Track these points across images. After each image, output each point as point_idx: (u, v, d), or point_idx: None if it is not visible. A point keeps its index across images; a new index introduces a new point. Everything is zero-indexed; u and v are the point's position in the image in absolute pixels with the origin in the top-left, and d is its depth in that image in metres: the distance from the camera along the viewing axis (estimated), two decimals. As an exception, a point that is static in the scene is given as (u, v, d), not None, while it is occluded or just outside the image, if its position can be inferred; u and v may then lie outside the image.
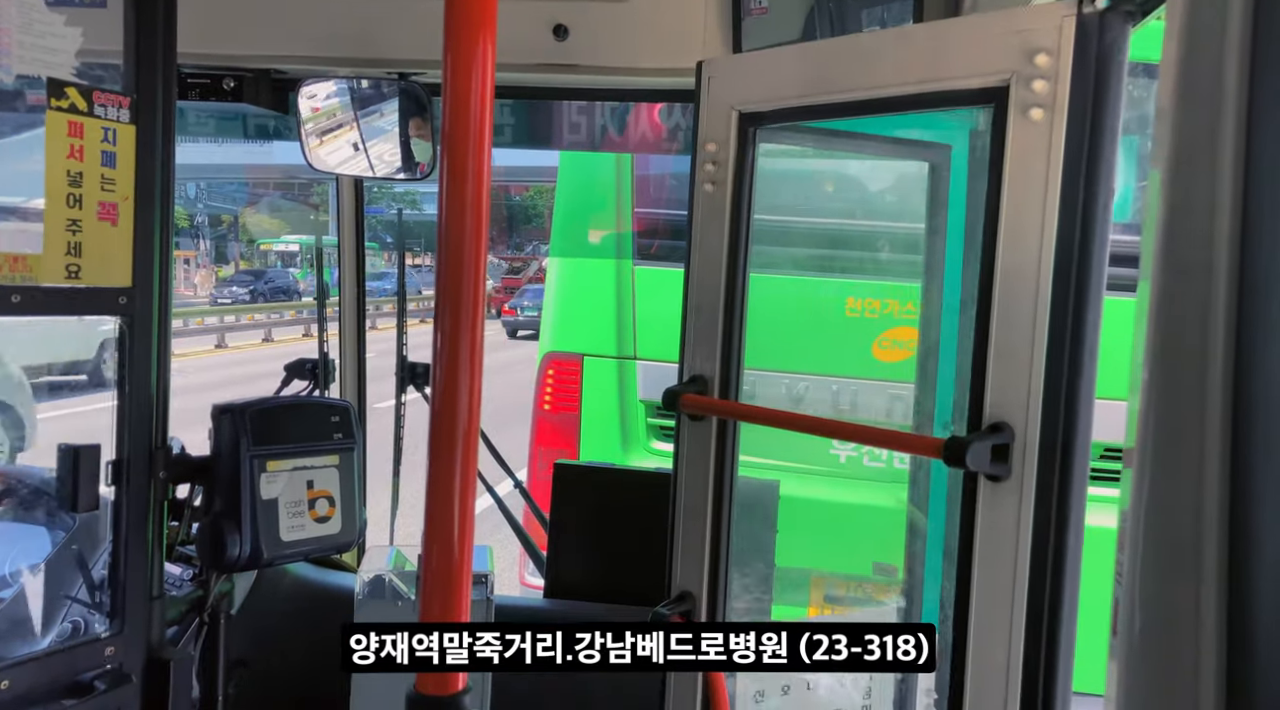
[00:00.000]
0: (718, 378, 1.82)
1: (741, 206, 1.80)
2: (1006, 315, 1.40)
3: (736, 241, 1.80)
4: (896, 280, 3.40)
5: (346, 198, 3.09)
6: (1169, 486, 0.79)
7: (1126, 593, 0.81)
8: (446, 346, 0.95)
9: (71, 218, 1.63)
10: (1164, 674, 0.79)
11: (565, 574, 2.73)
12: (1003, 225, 1.39)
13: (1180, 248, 0.81)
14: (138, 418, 1.82)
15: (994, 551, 1.42)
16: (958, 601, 1.47)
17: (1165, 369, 0.81)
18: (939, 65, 1.48)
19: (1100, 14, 1.31)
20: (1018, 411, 1.38)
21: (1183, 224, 0.81)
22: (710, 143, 1.82)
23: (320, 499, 2.11)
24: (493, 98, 0.97)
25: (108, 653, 1.81)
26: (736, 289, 1.81)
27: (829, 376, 3.56)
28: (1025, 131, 1.36)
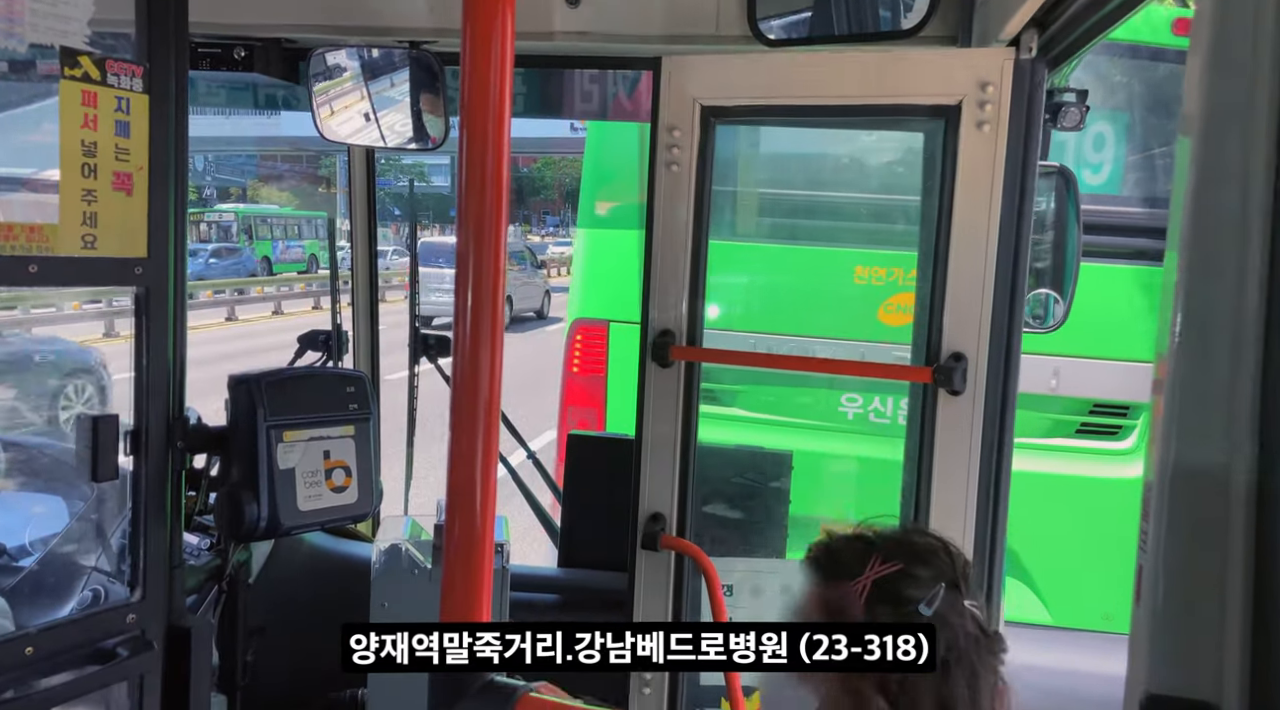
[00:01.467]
0: (685, 331, 2.11)
1: (704, 185, 2.06)
2: (961, 272, 1.89)
3: (700, 216, 2.07)
4: (901, 250, 3.54)
5: (358, 169, 3.07)
6: (1196, 455, 0.79)
7: (1150, 560, 0.81)
8: (467, 318, 0.95)
9: (87, 188, 1.63)
10: (1188, 642, 0.79)
11: (578, 543, 2.74)
12: (957, 207, 1.87)
13: (1211, 215, 0.80)
14: (155, 388, 1.83)
15: (951, 449, 1.90)
16: (919, 491, 1.93)
17: (1195, 337, 0.80)
18: (897, 84, 1.91)
19: (1031, 60, 1.82)
20: (971, 343, 1.88)
21: (1214, 190, 0.80)
22: (674, 128, 2.02)
23: (337, 469, 2.12)
24: (513, 67, 0.96)
25: (129, 620, 1.83)
26: (700, 256, 2.11)
27: (838, 340, 3.74)
28: (974, 140, 1.85)
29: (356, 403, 2.19)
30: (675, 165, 2.03)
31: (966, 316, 1.88)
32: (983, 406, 1.88)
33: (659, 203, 2.07)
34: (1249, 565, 0.76)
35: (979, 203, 1.85)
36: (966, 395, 1.88)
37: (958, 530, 1.87)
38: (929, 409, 1.92)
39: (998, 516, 1.91)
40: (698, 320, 2.13)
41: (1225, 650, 0.77)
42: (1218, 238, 0.78)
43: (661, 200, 2.06)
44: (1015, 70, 1.81)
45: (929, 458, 1.92)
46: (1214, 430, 0.78)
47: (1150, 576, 0.81)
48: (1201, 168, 0.80)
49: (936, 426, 1.90)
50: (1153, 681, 0.81)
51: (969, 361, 1.87)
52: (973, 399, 1.88)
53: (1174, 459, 0.80)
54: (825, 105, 2.03)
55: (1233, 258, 0.78)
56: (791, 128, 3.90)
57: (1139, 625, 0.83)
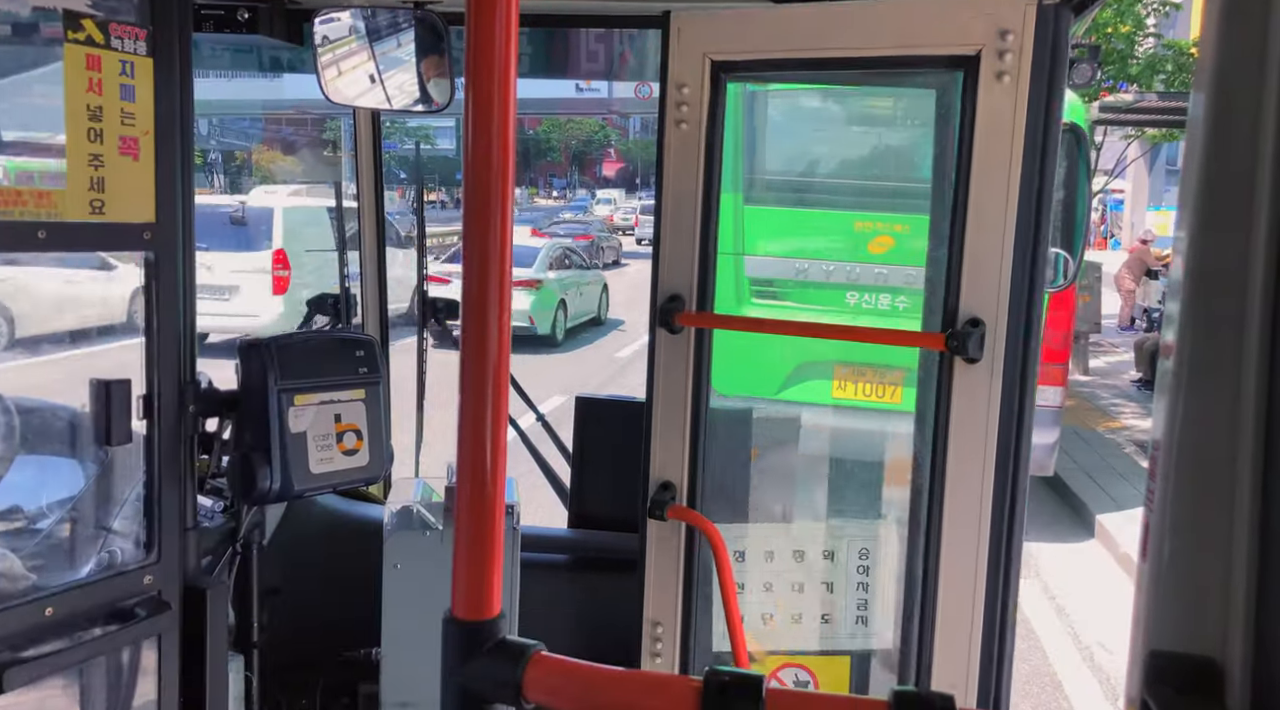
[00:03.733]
0: (695, 295, 2.04)
1: (714, 144, 1.99)
2: (979, 232, 1.79)
3: (710, 176, 2.00)
4: (884, 211, 6.19)
5: (364, 131, 3.06)
6: (1203, 415, 0.79)
7: (1158, 518, 0.81)
8: (475, 280, 0.94)
9: (93, 153, 1.63)
10: (1193, 600, 0.80)
11: (588, 504, 2.77)
12: (975, 164, 1.76)
13: (1219, 168, 0.79)
14: (166, 352, 1.84)
15: (968, 419, 1.82)
16: (933, 462, 1.85)
17: (1202, 296, 0.80)
18: (912, 35, 1.83)
19: (1055, 5, 1.71)
20: (989, 309, 1.79)
21: (1223, 144, 0.79)
22: (683, 85, 1.96)
23: (348, 432, 2.14)
24: (518, 27, 0.95)
25: (146, 582, 1.86)
26: (710, 219, 2.03)
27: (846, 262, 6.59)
28: (994, 92, 1.74)
29: (366, 366, 2.20)
30: (684, 123, 1.98)
31: (984, 280, 1.79)
32: (1001, 375, 1.79)
33: (668, 163, 2.01)
34: (1255, 524, 0.77)
35: (998, 159, 1.76)
36: (984, 363, 1.79)
37: (973, 503, 1.82)
38: (944, 377, 1.83)
39: (1016, 488, 1.83)
40: (708, 284, 2.07)
41: (1230, 608, 0.78)
42: (1226, 191, 0.78)
43: (671, 161, 2.01)
44: (1038, 17, 1.71)
45: (944, 428, 1.84)
46: (1222, 389, 0.78)
47: (1157, 535, 0.81)
48: (1212, 119, 0.79)
49: (952, 395, 1.82)
50: (1157, 638, 0.81)
51: (986, 327, 1.78)
52: (990, 367, 1.79)
53: (1181, 418, 0.80)
54: (838, 58, 1.94)
55: (1241, 212, 0.77)
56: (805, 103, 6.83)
57: (1144, 583, 0.83)
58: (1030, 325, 1.79)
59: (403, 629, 2.30)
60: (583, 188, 69.48)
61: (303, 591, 2.61)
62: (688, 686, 0.85)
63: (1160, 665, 0.80)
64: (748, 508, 2.68)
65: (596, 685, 0.90)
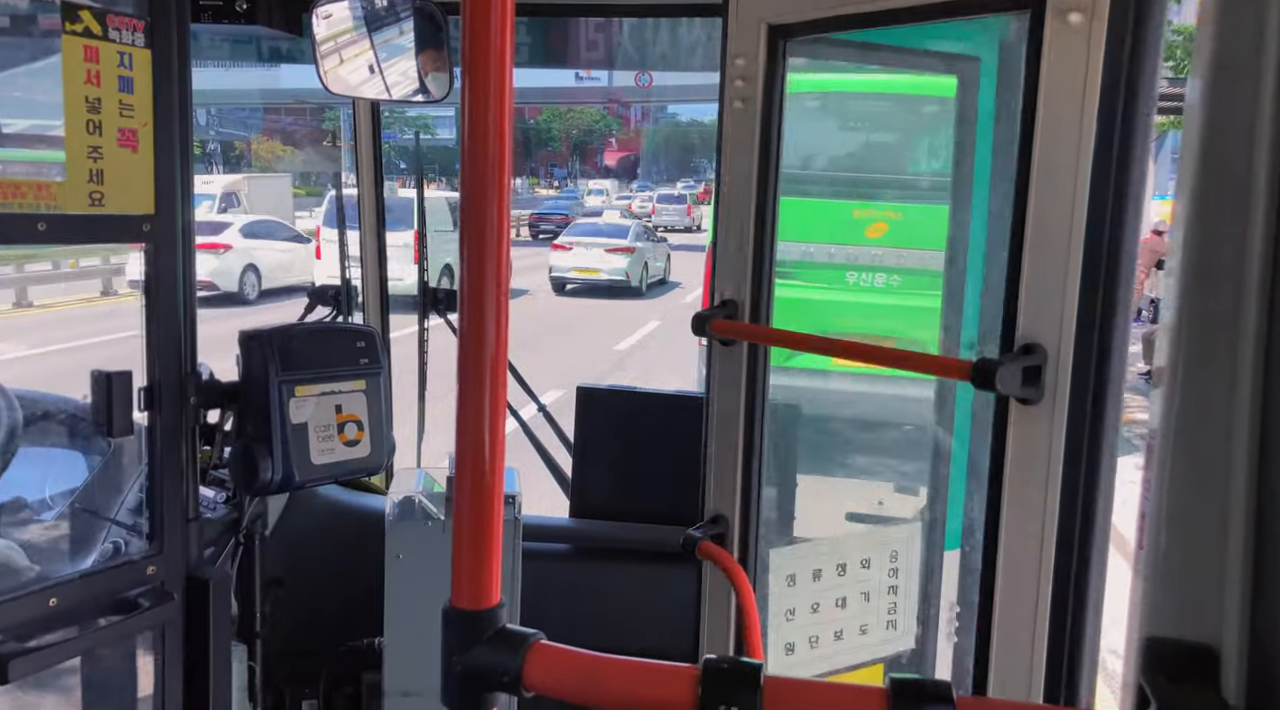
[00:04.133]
0: (748, 302, 1.80)
1: (771, 125, 1.77)
2: (1041, 233, 1.36)
3: (766, 162, 1.77)
4: (879, 200, 7.30)
5: (363, 122, 3.05)
6: (1200, 403, 0.79)
7: (1154, 506, 0.82)
8: (473, 271, 0.95)
9: (92, 144, 1.63)
10: (1189, 587, 0.80)
11: (589, 494, 2.77)
12: (1038, 138, 1.34)
13: (1217, 157, 0.79)
14: (167, 344, 1.84)
15: (1025, 475, 1.40)
16: (987, 524, 1.46)
17: (1198, 285, 0.80)
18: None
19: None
20: (1051, 332, 1.34)
21: (1220, 131, 0.79)
22: (739, 57, 1.79)
23: (349, 423, 2.14)
24: (514, 14, 0.95)
25: (149, 572, 1.87)
26: (767, 211, 1.77)
27: (846, 246, 7.67)
28: (1063, 37, 1.31)
29: (367, 357, 2.20)
30: (741, 100, 1.78)
31: (1043, 297, 1.35)
32: (1064, 421, 1.35)
33: (726, 148, 1.82)
34: (1250, 512, 0.77)
35: (1065, 132, 1.33)
36: (1044, 405, 1.37)
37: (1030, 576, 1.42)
38: (998, 420, 1.44)
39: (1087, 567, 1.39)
40: (763, 290, 1.80)
41: (1226, 596, 0.78)
42: (1223, 182, 0.78)
43: (729, 145, 1.82)
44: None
45: (997, 488, 1.44)
46: (1218, 379, 0.78)
47: (1153, 523, 0.82)
48: (1211, 109, 0.79)
49: (1006, 446, 1.42)
50: (1153, 625, 0.82)
51: (1046, 356, 1.35)
52: (1052, 411, 1.36)
53: (1178, 405, 0.80)
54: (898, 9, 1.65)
55: (1239, 202, 0.77)
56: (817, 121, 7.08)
57: (1140, 570, 0.84)
58: (1107, 358, 1.35)
59: (405, 619, 2.31)
60: (584, 178, 69.39)
61: (305, 582, 2.62)
62: (687, 675, 0.86)
63: (1156, 652, 0.80)
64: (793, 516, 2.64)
65: (597, 674, 0.91)
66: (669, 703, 0.86)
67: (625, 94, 46.91)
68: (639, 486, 2.74)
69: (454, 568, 0.95)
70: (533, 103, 51.91)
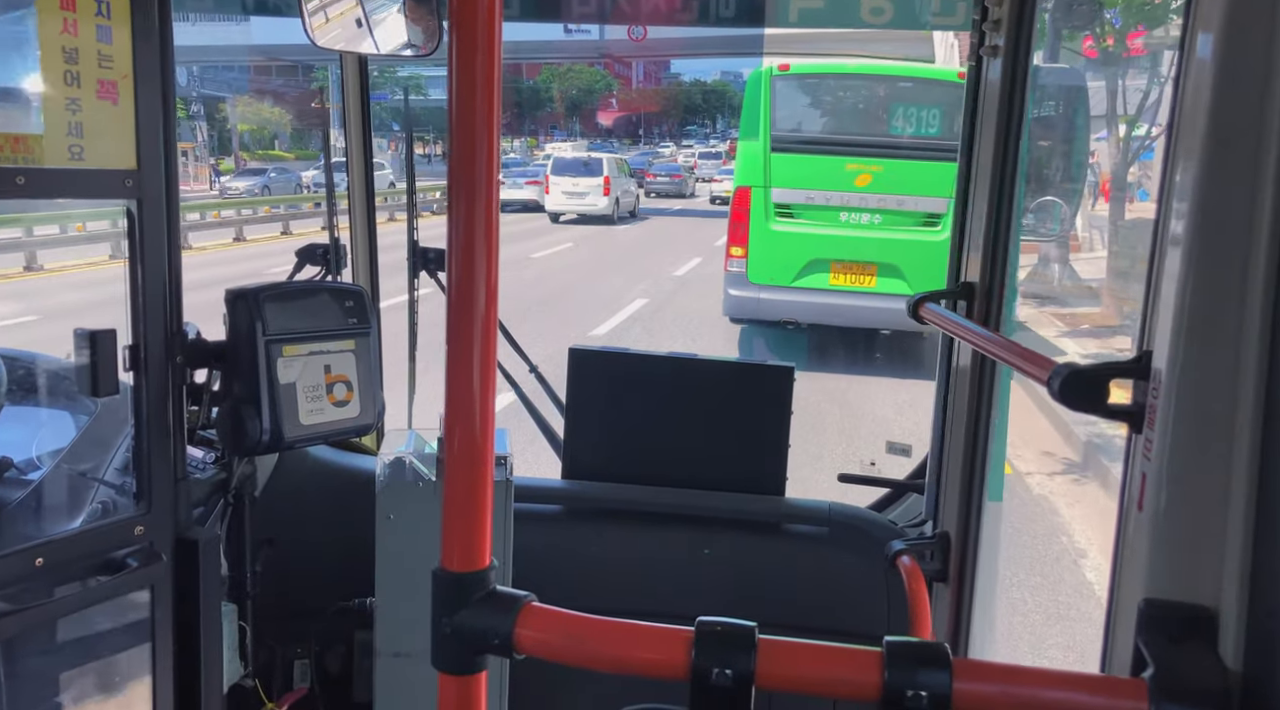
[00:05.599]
0: (981, 288, 1.65)
1: (1018, 72, 1.58)
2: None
3: (1008, 128, 1.59)
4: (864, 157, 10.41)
5: (351, 78, 3.00)
6: (1204, 364, 0.78)
7: (1155, 469, 0.80)
8: (462, 230, 0.92)
9: (70, 97, 1.59)
10: (1189, 549, 0.79)
11: (581, 455, 2.77)
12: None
13: (1228, 112, 0.77)
14: (152, 302, 1.81)
15: None
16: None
17: (1204, 248, 0.78)
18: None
19: None
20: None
21: (1230, 91, 0.77)
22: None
23: (338, 383, 2.12)
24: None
25: (137, 532, 1.85)
26: (1004, 188, 1.59)
27: (839, 192, 10.37)
28: None
29: (356, 317, 2.17)
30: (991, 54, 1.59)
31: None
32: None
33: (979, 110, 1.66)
34: (1251, 475, 0.76)
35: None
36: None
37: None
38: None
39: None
40: (995, 276, 1.60)
41: (1226, 558, 0.77)
42: (1229, 144, 0.76)
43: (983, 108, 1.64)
44: None
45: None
46: (1221, 343, 0.77)
47: (1154, 485, 0.81)
48: (1221, 65, 0.77)
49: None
50: (1151, 587, 0.81)
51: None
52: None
53: (1180, 370, 0.79)
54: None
55: (1248, 164, 0.75)
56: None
57: (1139, 532, 0.83)
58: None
59: (397, 579, 2.31)
60: (583, 138, 68.64)
61: (296, 542, 2.61)
62: (680, 637, 0.85)
63: (1154, 614, 0.80)
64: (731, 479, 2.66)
65: (588, 635, 0.90)
66: (663, 664, 0.85)
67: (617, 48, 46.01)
68: (631, 448, 2.73)
69: (444, 530, 0.94)
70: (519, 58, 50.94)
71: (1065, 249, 13.91)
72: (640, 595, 2.63)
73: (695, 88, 76.12)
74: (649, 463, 2.71)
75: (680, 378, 2.74)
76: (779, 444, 2.68)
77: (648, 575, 2.66)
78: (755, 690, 0.83)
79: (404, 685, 2.33)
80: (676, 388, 2.72)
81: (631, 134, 69.46)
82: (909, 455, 3.21)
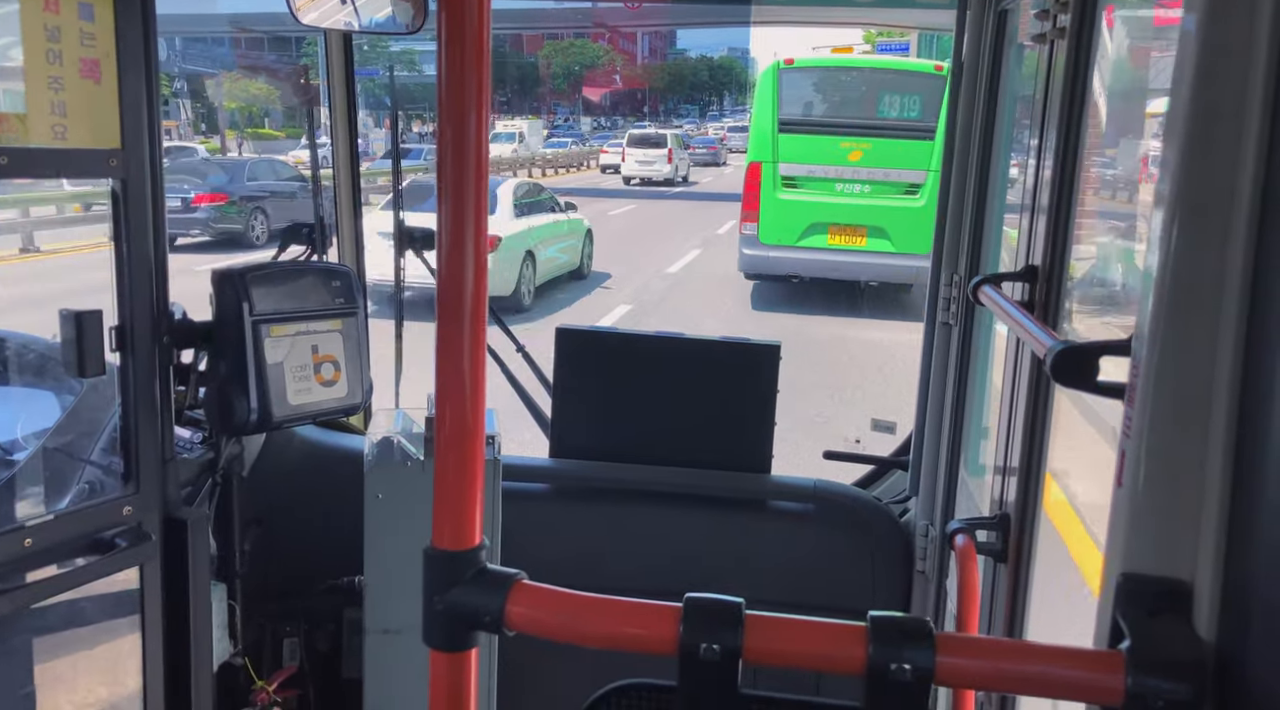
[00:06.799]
0: (1041, 276, 1.60)
1: (1079, 64, 1.51)
2: None
3: (1070, 111, 1.52)
4: (856, 136, 12.58)
5: (335, 55, 2.97)
6: (1183, 342, 0.79)
7: (1134, 445, 0.82)
8: (451, 209, 0.92)
9: (52, 75, 1.57)
10: (1166, 524, 0.81)
11: (568, 434, 2.78)
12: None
13: (1210, 89, 0.78)
14: (138, 282, 1.81)
15: None
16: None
17: (1187, 221, 0.79)
18: None
19: None
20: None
21: (1213, 73, 0.78)
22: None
23: (325, 363, 2.12)
24: None
25: (125, 512, 1.85)
26: (1065, 170, 1.54)
27: (834, 166, 12.51)
28: None
29: (343, 297, 2.17)
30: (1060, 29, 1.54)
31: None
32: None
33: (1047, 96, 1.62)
34: (1228, 451, 0.77)
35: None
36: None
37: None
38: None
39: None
40: (1055, 260, 1.57)
41: (1201, 532, 0.79)
42: (1215, 119, 0.77)
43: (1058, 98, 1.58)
44: None
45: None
46: (1200, 319, 0.78)
47: (1133, 461, 0.82)
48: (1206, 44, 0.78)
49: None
50: (1129, 561, 0.83)
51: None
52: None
53: (1161, 344, 0.80)
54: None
55: (1230, 140, 0.76)
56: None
57: (1119, 508, 0.84)
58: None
59: (386, 558, 2.32)
60: (587, 116, 67.75)
61: (285, 521, 2.62)
62: (668, 612, 0.86)
63: (1132, 588, 0.82)
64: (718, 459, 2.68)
65: (578, 613, 0.91)
66: (651, 639, 0.87)
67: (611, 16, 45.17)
68: (618, 426, 2.75)
69: (435, 509, 0.94)
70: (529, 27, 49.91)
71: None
72: (628, 572, 2.65)
73: (702, 64, 75.45)
74: (636, 441, 2.72)
75: (667, 356, 2.75)
76: (765, 421, 2.69)
77: (635, 552, 2.68)
78: (742, 664, 0.84)
79: (393, 662, 2.35)
80: (663, 366, 2.73)
81: (636, 111, 68.59)
82: (894, 433, 3.24)
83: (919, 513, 2.62)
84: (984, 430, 2.39)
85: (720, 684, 0.84)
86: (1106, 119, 1.90)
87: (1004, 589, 1.74)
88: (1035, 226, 1.66)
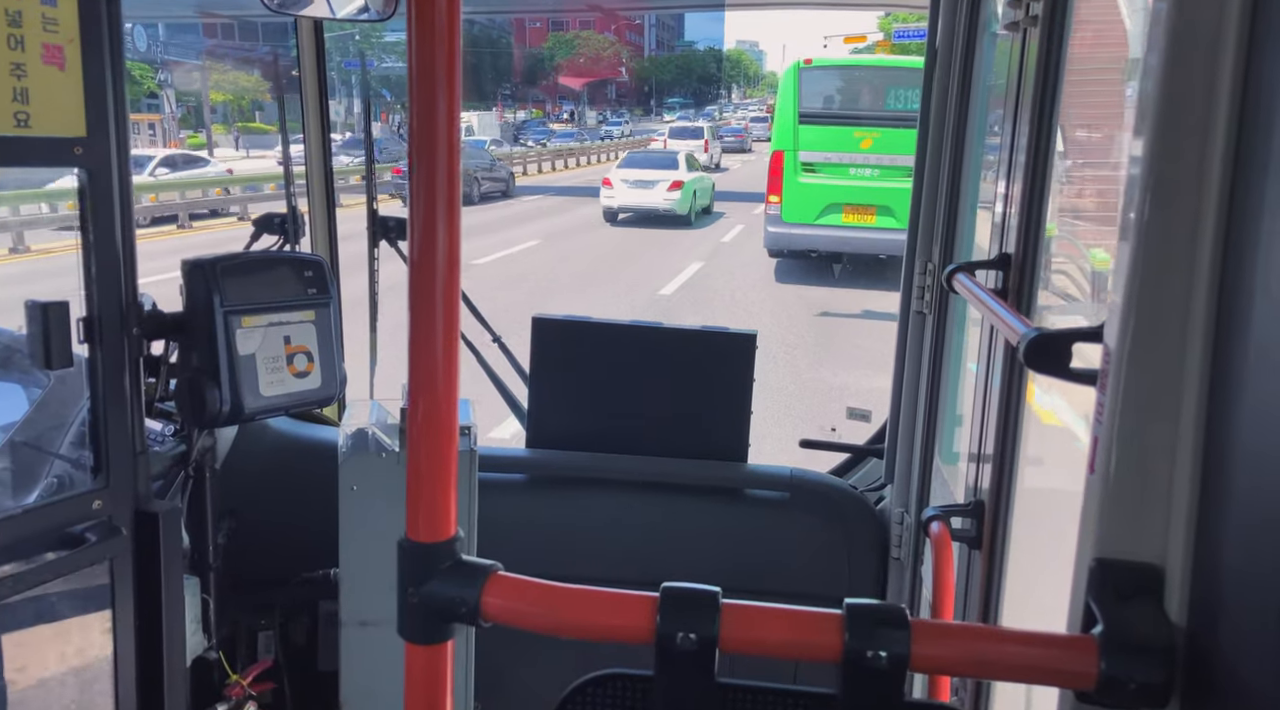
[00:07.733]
0: (1014, 260, 1.64)
1: (1051, 53, 1.53)
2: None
3: (1042, 101, 1.55)
4: (867, 126, 14.79)
5: (306, 42, 2.94)
6: (1153, 327, 0.80)
7: (1105, 431, 0.82)
8: (422, 198, 0.91)
9: (14, 61, 1.54)
10: (1137, 509, 0.82)
11: (545, 424, 2.77)
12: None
13: (1180, 77, 0.78)
14: (106, 273, 1.78)
15: None
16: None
17: (1157, 204, 0.80)
18: None
19: None
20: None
21: (1183, 56, 0.78)
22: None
23: (298, 354, 2.10)
24: None
25: (95, 506, 1.83)
26: (1038, 158, 1.57)
27: (848, 152, 14.71)
28: None
29: (315, 287, 2.15)
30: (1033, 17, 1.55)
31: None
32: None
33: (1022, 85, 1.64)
34: (1199, 437, 0.78)
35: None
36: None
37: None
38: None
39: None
40: (1028, 249, 1.60)
41: (1172, 517, 0.80)
42: (1185, 106, 0.77)
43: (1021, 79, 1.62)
44: None
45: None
46: (1170, 304, 0.79)
47: (1105, 447, 0.83)
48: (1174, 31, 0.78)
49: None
50: (1101, 547, 0.83)
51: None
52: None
53: (1132, 330, 0.81)
54: None
55: (1199, 127, 0.77)
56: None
57: (1091, 493, 0.85)
58: None
59: (360, 549, 2.31)
60: (593, 109, 67.21)
61: (259, 513, 2.60)
62: (645, 602, 0.86)
63: (1104, 572, 0.82)
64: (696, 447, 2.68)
65: (555, 603, 0.91)
66: (628, 629, 0.87)
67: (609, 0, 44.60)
68: (595, 415, 2.74)
69: (409, 501, 0.94)
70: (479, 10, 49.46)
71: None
72: (605, 562, 2.65)
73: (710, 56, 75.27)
74: (613, 430, 2.72)
75: (643, 345, 2.75)
76: (741, 410, 2.70)
77: (612, 542, 2.68)
78: (719, 654, 0.84)
79: (369, 654, 2.34)
80: (639, 355, 2.73)
81: (644, 104, 68.01)
82: (869, 420, 3.25)
83: (894, 500, 2.63)
84: (958, 418, 2.42)
85: (697, 673, 0.84)
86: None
87: (978, 575, 1.76)
88: (1009, 214, 1.67)
